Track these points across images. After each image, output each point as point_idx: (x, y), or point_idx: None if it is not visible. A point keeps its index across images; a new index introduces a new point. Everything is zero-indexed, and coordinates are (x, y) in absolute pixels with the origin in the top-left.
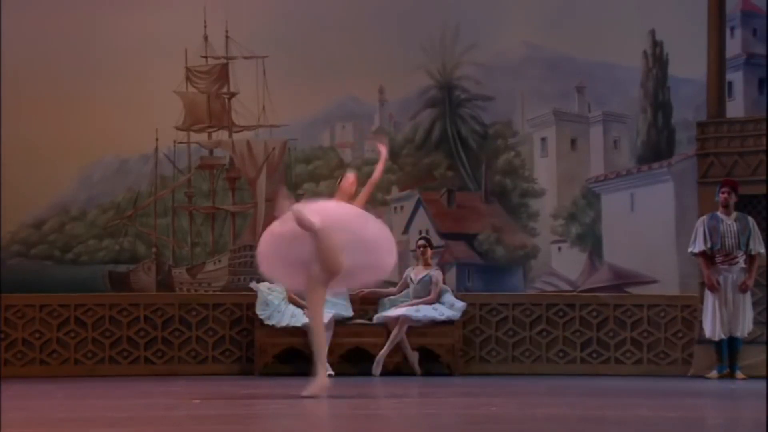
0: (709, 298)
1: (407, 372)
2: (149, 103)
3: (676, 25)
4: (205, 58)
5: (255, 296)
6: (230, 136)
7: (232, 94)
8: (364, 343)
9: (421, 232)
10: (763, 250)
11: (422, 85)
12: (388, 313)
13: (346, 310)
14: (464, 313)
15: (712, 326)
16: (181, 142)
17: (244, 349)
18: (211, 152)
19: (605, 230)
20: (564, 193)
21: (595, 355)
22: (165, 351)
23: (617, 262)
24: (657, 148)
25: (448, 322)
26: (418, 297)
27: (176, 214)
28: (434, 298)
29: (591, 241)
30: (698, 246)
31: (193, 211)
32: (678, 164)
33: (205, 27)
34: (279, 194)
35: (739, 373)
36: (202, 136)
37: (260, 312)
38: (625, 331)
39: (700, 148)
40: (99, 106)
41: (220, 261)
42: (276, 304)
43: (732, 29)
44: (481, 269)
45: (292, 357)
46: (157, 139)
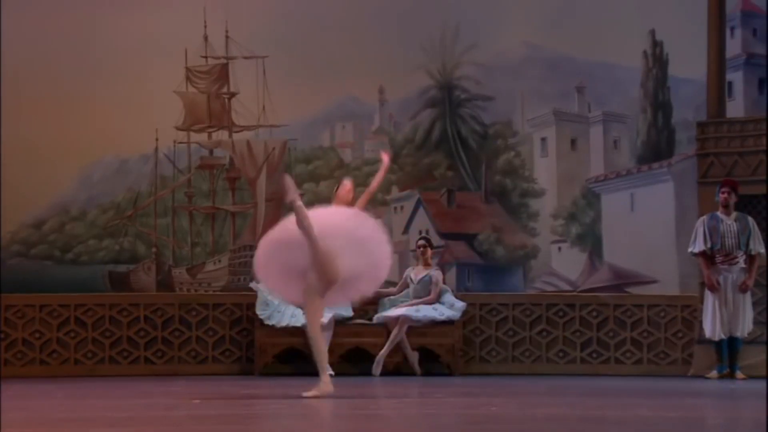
0: (709, 298)
1: (407, 372)
2: (149, 103)
3: (676, 25)
4: (205, 58)
5: (255, 296)
6: (230, 136)
7: (232, 94)
8: (364, 343)
9: (421, 232)
10: (763, 250)
11: (422, 85)
12: (388, 313)
13: (346, 310)
14: (464, 313)
15: (712, 326)
16: (181, 142)
17: (244, 349)
18: (211, 152)
19: (605, 230)
20: (564, 193)
21: (595, 355)
22: (165, 351)
23: (617, 262)
24: (657, 148)
25: (448, 322)
26: (418, 297)
27: (176, 214)
28: (434, 298)
29: (591, 241)
30: (698, 246)
31: (193, 211)
32: (678, 164)
33: (205, 27)
34: (285, 181)
35: (739, 373)
36: (202, 136)
37: (260, 312)
38: (625, 331)
39: (700, 148)
40: (99, 106)
41: (220, 261)
42: (276, 304)
43: (732, 29)
44: (481, 269)
45: (292, 357)
46: (157, 139)
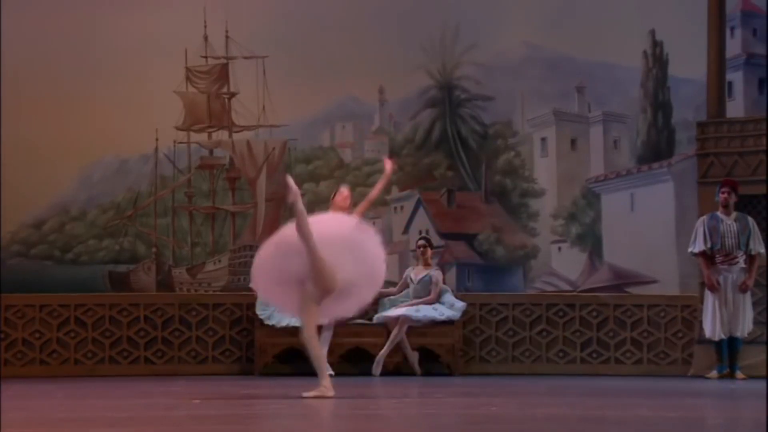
0: (709, 298)
1: (407, 372)
2: (149, 103)
3: (676, 25)
4: (205, 58)
5: (255, 296)
6: (230, 136)
7: (232, 94)
8: (364, 343)
9: (421, 232)
10: (763, 250)
11: (422, 85)
12: (388, 313)
13: None
14: (464, 313)
15: (712, 326)
16: (181, 142)
17: (244, 349)
18: (211, 152)
19: (605, 230)
20: (564, 193)
21: (595, 355)
22: (165, 351)
23: (617, 262)
24: (657, 148)
25: (448, 322)
26: (418, 297)
27: (176, 214)
28: (434, 298)
29: (591, 241)
30: (698, 246)
31: (193, 211)
32: (678, 164)
33: (205, 27)
34: (287, 182)
35: (739, 373)
36: (202, 136)
37: (260, 312)
38: (625, 331)
39: (700, 148)
40: (99, 106)
41: (220, 261)
42: None
43: (732, 29)
44: (481, 269)
45: (292, 357)
46: (157, 139)
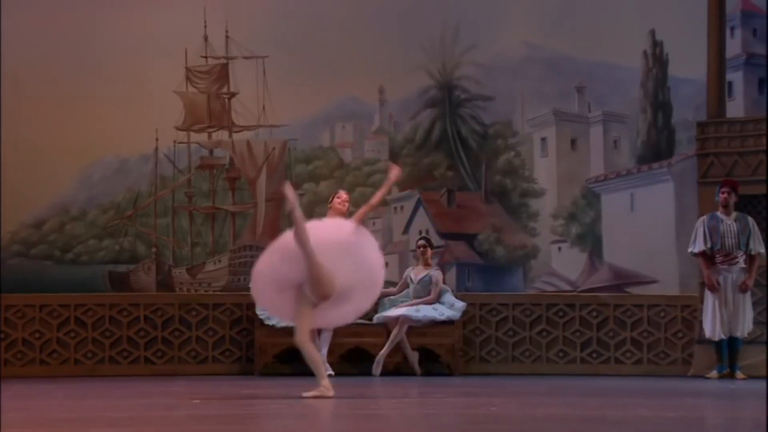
0: (709, 298)
1: (407, 372)
2: (149, 103)
3: (676, 25)
4: (205, 58)
5: None
6: (230, 136)
7: (232, 94)
8: (364, 343)
9: (421, 232)
10: (763, 250)
11: (422, 85)
12: (388, 313)
13: None
14: (464, 313)
15: (712, 326)
16: (181, 142)
17: (244, 349)
18: (211, 152)
19: (605, 230)
20: (564, 193)
21: (595, 355)
22: (165, 351)
23: (617, 262)
24: (657, 148)
25: (448, 322)
26: (418, 297)
27: (176, 214)
28: (434, 298)
29: (591, 241)
30: (698, 246)
31: (193, 211)
32: (678, 164)
33: (205, 27)
34: (286, 190)
35: (739, 373)
36: (202, 136)
37: (260, 312)
38: (625, 331)
39: (700, 148)
40: (99, 106)
41: (220, 261)
42: None
43: (732, 29)
44: (481, 269)
45: (292, 357)
46: (157, 139)
